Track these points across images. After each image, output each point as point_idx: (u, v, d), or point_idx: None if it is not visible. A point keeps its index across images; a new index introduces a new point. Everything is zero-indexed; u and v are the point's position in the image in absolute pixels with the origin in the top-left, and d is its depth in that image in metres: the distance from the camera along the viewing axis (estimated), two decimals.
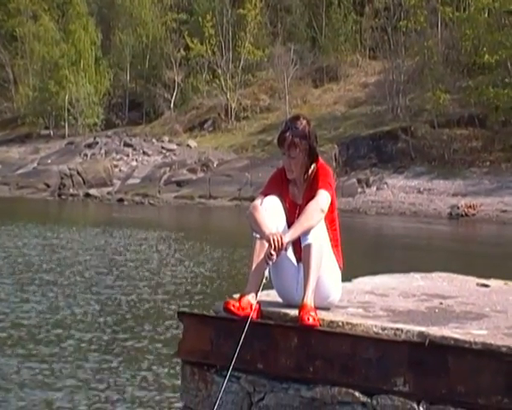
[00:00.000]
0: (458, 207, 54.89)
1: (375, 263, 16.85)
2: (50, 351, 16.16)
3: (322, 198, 6.96)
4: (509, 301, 7.96)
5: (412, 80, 71.11)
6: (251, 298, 6.81)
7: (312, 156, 7.10)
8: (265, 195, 7.16)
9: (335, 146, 61.15)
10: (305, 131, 7.07)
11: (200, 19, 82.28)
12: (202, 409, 7.11)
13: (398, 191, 59.63)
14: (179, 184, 65.00)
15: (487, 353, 6.12)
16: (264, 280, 6.94)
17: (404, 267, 10.50)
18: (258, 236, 6.95)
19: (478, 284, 8.78)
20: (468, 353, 6.20)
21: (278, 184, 7.29)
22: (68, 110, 79.33)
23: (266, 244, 6.79)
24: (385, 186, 60.34)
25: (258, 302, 6.81)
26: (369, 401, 6.42)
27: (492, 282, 8.99)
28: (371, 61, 79.36)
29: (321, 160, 7.27)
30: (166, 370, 15.00)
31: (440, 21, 73.59)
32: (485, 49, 66.28)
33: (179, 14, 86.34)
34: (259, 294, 6.86)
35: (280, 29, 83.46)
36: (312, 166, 7.17)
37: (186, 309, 9.93)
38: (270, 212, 7.06)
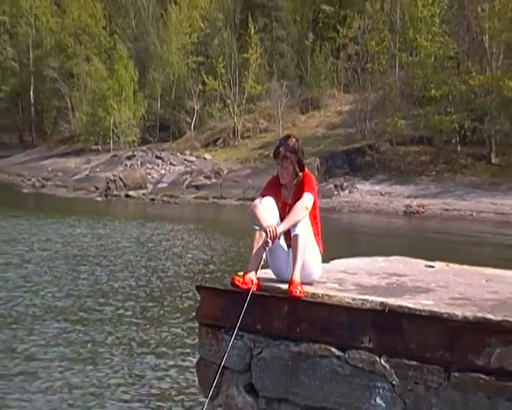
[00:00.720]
0: (411, 207, 54.38)
1: (347, 249, 16.83)
2: (95, 316, 17.61)
3: (307, 199, 7.20)
4: (450, 278, 8.18)
5: (376, 109, 69.36)
6: (252, 275, 7.05)
7: (300, 167, 7.32)
8: (263, 196, 7.40)
9: (317, 159, 60.19)
10: (294, 147, 7.33)
11: (213, 61, 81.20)
12: (214, 360, 7.36)
13: (365, 194, 58.85)
14: (197, 187, 64.25)
15: (433, 318, 6.40)
16: (262, 262, 7.21)
17: (370, 252, 10.83)
18: (257, 228, 7.19)
19: (426, 266, 9.01)
20: (418, 318, 6.47)
21: (273, 188, 7.49)
22: (113, 130, 79.53)
23: (264, 234, 7.06)
24: (355, 190, 59.38)
25: (258, 279, 7.07)
26: (342, 354, 6.76)
27: (437, 264, 9.21)
28: (345, 94, 79.15)
29: (306, 169, 7.49)
30: (186, 331, 16.14)
31: (398, 64, 69.09)
32: (432, 85, 63.09)
33: (198, 57, 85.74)
34: (259, 272, 7.11)
35: (275, 69, 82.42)
36: (300, 175, 7.35)
37: (202, 284, 9.63)
38: (266, 209, 7.28)
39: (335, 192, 57.66)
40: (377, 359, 6.68)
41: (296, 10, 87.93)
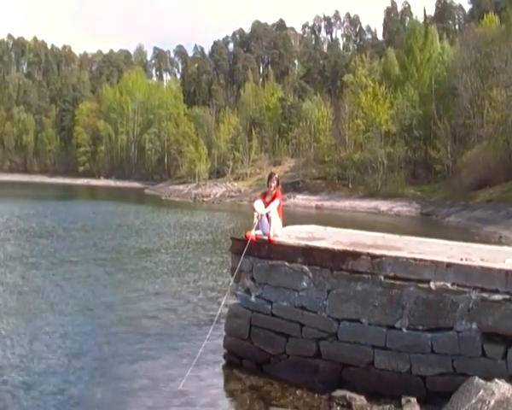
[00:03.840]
0: (318, 205, 62.94)
1: (292, 222, 11.05)
2: (144, 264, 18.89)
3: (277, 201, 9.15)
4: (332, 233, 10.16)
5: (304, 165, 79.15)
6: (252, 233, 8.89)
7: (277, 186, 9.22)
8: (258, 199, 9.22)
9: (280, 186, 62.15)
10: (276, 177, 9.31)
11: (237, 145, 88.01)
12: (236, 266, 9.25)
13: (299, 200, 65.69)
14: (231, 196, 73.44)
15: (325, 250, 8.56)
16: (256, 226, 9.04)
17: (302, 223, 11.48)
18: (255, 212, 8.98)
19: (323, 228, 10.49)
20: (320, 250, 8.73)
21: (261, 196, 9.33)
22: (196, 174, 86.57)
23: (256, 213, 8.91)
24: (296, 198, 66.16)
25: (256, 235, 8.99)
26: (290, 265, 8.75)
27: (328, 227, 10.87)
28: (292, 158, 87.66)
29: (278, 187, 9.33)
30: (223, 259, 18.42)
31: (313, 146, 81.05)
32: (327, 156, 76.53)
33: (228, 144, 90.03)
34: (254, 232, 8.98)
35: (263, 147, 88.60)
36: (276, 189, 9.18)
37: (233, 236, 9.93)
38: (258, 204, 9.09)
39: (288, 198, 59.87)
40: (304, 267, 8.58)
41: (272, 123, 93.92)
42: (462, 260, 7.95)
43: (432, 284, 7.81)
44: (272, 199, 9.42)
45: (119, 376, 8.91)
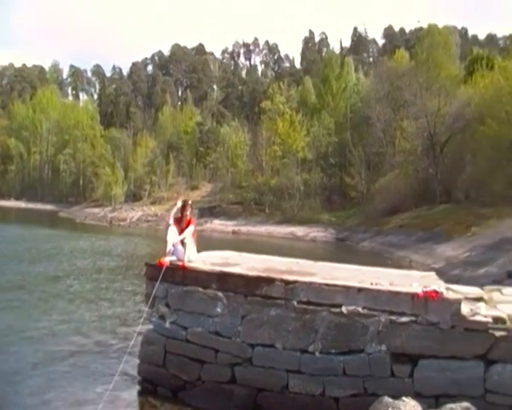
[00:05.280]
0: (234, 230, 62.90)
1: (208, 248, 10.55)
2: (53, 291, 17.96)
3: (191, 227, 9.36)
4: (246, 259, 10.27)
5: (221, 190, 79.20)
6: (166, 259, 9.08)
7: (190, 213, 9.37)
8: (171, 224, 9.29)
9: (197, 209, 61.11)
10: (189, 204, 9.50)
11: (154, 169, 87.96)
12: (150, 293, 9.22)
13: (216, 224, 66.44)
14: (148, 220, 71.91)
15: (239, 275, 8.62)
16: (171, 253, 9.19)
17: (217, 248, 11.48)
18: (169, 240, 9.15)
19: (239, 254, 10.61)
20: (234, 276, 8.76)
21: (175, 222, 9.42)
22: (112, 197, 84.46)
23: (171, 243, 9.06)
24: (212, 223, 66.80)
25: (170, 261, 9.13)
26: (204, 290, 8.90)
27: (243, 253, 10.93)
28: (208, 183, 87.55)
29: (192, 215, 9.47)
30: (137, 286, 17.58)
31: (230, 172, 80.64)
32: (243, 181, 76.88)
33: (145, 167, 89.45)
34: (168, 258, 9.17)
35: (180, 172, 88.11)
36: (189, 216, 9.35)
37: (147, 262, 9.76)
38: (172, 232, 9.33)
39: (204, 223, 63.11)
40: (218, 293, 8.78)
41: (190, 148, 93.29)
42: (372, 284, 8.27)
43: (344, 309, 8.07)
44: (186, 225, 9.53)
45: (29, 405, 8.77)
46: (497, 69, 47.58)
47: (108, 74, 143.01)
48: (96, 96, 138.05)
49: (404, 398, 7.04)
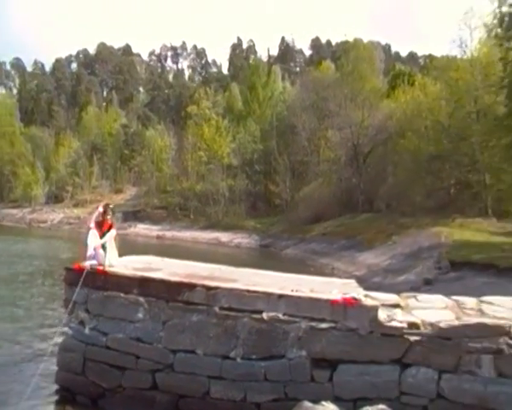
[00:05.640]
0: (159, 234, 61.45)
1: (130, 252, 10.84)
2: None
3: (113, 231, 9.35)
4: (168, 264, 10.12)
5: (145, 194, 77.43)
6: (86, 263, 8.96)
7: (111, 217, 9.33)
8: (92, 228, 9.19)
9: (121, 213, 61.86)
10: (110, 208, 9.43)
11: (77, 171, 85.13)
12: (70, 298, 9.06)
13: (140, 229, 65.71)
14: (70, 223, 72.03)
15: (161, 281, 8.58)
16: (91, 258, 9.03)
17: (140, 253, 11.37)
18: (89, 244, 8.99)
19: (161, 259, 10.50)
20: (156, 281, 8.64)
21: (96, 226, 9.35)
22: (32, 198, 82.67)
23: (92, 246, 8.89)
24: (136, 227, 65.91)
25: (90, 265, 8.99)
26: (124, 295, 8.72)
27: (165, 258, 10.68)
28: (133, 187, 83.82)
29: (113, 219, 9.43)
30: (57, 291, 16.62)
31: (155, 176, 78.66)
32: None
33: (68, 168, 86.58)
34: (89, 262, 9.04)
35: (104, 174, 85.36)
36: (110, 220, 9.32)
37: (66, 266, 9.47)
38: (93, 235, 9.20)
39: (128, 227, 62.73)
40: (139, 298, 8.72)
41: (114, 150, 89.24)
42: (292, 291, 8.44)
43: (264, 315, 8.18)
44: (108, 229, 9.52)
45: None
46: (418, 86, 49.06)
47: (29, 69, 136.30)
48: (15, 91, 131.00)
49: (323, 402, 7.24)
